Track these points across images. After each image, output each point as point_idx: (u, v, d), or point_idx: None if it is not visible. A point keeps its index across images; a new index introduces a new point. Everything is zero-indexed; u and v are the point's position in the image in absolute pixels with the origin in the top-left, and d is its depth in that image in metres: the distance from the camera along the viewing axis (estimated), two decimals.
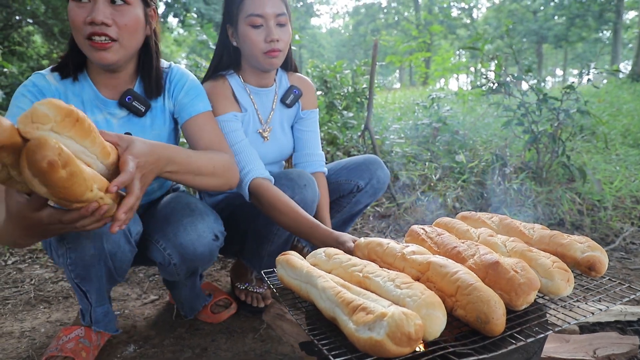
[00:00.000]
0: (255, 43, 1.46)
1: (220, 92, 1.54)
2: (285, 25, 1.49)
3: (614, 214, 2.78)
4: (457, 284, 0.86)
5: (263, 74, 1.60)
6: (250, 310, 1.73)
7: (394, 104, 6.79)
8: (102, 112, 1.31)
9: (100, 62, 1.20)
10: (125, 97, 1.30)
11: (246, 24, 1.46)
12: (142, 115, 1.34)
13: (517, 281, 0.89)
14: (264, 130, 1.64)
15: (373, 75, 3.37)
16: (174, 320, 1.72)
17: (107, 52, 1.18)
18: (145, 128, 1.37)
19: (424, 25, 21.03)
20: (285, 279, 1.02)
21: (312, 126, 1.75)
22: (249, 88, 1.61)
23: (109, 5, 1.15)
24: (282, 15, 1.47)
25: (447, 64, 7.94)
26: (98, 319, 1.42)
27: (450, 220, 1.26)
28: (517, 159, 3.47)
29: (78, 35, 1.17)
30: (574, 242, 1.07)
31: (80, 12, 1.14)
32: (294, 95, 1.69)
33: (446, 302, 0.86)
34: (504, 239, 1.09)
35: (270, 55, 1.48)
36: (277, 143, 1.69)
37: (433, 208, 2.97)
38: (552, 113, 2.99)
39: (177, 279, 1.44)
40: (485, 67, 3.61)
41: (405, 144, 3.83)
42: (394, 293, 0.84)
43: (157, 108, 1.39)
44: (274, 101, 1.67)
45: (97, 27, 1.14)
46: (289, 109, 1.71)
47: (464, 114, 5.02)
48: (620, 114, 5.93)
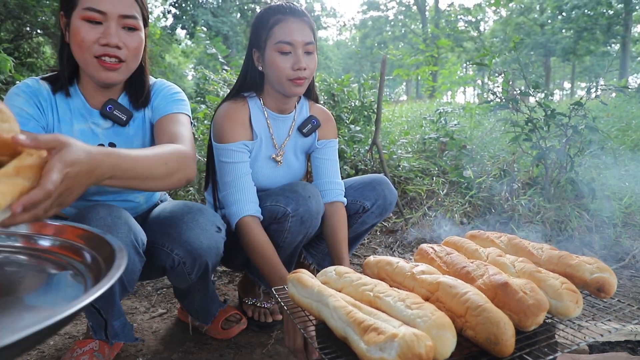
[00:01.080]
0: (282, 70, 1.48)
1: (235, 116, 1.56)
2: (312, 54, 1.52)
3: (624, 231, 2.77)
4: (466, 305, 0.87)
5: (285, 100, 1.62)
6: (258, 325, 1.74)
7: (401, 118, 6.81)
8: (87, 122, 1.34)
9: (105, 82, 1.25)
10: (106, 107, 1.33)
11: (274, 50, 1.48)
12: (124, 124, 1.37)
13: (527, 302, 0.89)
14: (277, 155, 1.66)
15: (381, 91, 3.39)
16: (182, 334, 1.73)
17: (115, 72, 1.24)
18: (130, 138, 1.40)
19: (431, 39, 21.17)
20: (296, 297, 1.03)
21: (330, 155, 1.74)
22: (267, 112, 1.63)
23: (121, 29, 1.21)
24: (310, 44, 1.50)
25: (453, 77, 7.95)
26: (117, 332, 1.43)
27: (459, 239, 1.27)
28: (525, 174, 3.46)
29: (85, 53, 1.21)
30: (583, 263, 1.08)
31: (92, 32, 1.19)
32: (312, 125, 1.70)
33: (455, 323, 0.86)
34: (512, 259, 1.10)
35: (296, 82, 1.50)
36: (289, 168, 1.71)
37: (441, 223, 2.97)
38: (560, 129, 2.99)
39: (189, 281, 1.45)
40: (492, 81, 3.62)
41: (413, 158, 3.84)
42: (404, 313, 0.85)
43: (139, 118, 1.42)
44: (291, 128, 1.68)
45: (109, 49, 1.20)
46: (304, 138, 1.72)
47: (471, 129, 5.02)
48: (629, 128, 5.90)
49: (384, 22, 39.59)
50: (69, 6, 1.20)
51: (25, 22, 11.13)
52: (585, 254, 2.53)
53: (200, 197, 3.16)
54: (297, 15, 1.48)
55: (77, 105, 1.33)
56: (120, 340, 1.45)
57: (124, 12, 1.21)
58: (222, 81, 3.88)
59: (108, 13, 1.19)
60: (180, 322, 1.82)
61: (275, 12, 1.49)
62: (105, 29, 1.19)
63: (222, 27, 21.95)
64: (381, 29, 39.13)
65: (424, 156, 4.09)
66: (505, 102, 3.12)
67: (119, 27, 1.21)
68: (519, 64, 3.17)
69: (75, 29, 1.20)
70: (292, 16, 1.48)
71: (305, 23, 1.49)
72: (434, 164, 3.82)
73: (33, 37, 12.61)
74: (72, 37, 1.22)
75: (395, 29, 39.14)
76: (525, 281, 0.95)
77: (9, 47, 8.93)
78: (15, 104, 1.23)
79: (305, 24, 1.50)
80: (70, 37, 1.23)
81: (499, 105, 3.13)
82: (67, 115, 1.32)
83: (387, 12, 40.11)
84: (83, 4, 1.19)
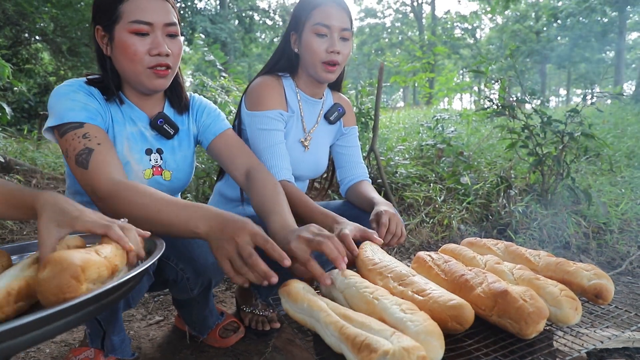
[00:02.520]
0: (316, 51, 1.52)
1: (272, 87, 1.59)
2: (347, 40, 1.56)
3: (620, 237, 2.77)
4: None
5: (317, 85, 1.66)
6: (256, 333, 1.73)
7: (399, 124, 6.83)
8: (137, 126, 1.36)
9: (157, 89, 1.30)
10: (157, 120, 1.37)
11: (311, 32, 1.52)
12: (170, 137, 1.41)
13: (527, 310, 0.89)
14: (305, 140, 1.68)
15: (379, 99, 3.40)
16: (179, 342, 1.72)
17: (165, 79, 1.29)
18: (174, 149, 1.44)
19: (427, 46, 21.29)
20: (290, 312, 1.00)
21: (354, 141, 1.82)
22: (300, 94, 1.66)
23: (165, 36, 1.25)
24: (347, 30, 1.54)
25: (450, 84, 7.98)
26: (115, 347, 1.42)
27: (456, 246, 1.27)
28: (522, 180, 3.48)
29: (137, 65, 1.23)
30: (581, 270, 1.08)
31: (142, 44, 1.22)
32: (338, 113, 1.74)
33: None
34: (510, 267, 1.10)
35: (328, 68, 1.54)
36: (315, 154, 1.73)
37: (438, 230, 2.97)
38: (556, 136, 3.01)
39: (190, 295, 1.45)
40: (489, 88, 3.64)
41: (410, 165, 3.85)
42: (396, 316, 0.85)
43: (183, 131, 1.46)
44: (319, 114, 1.72)
45: (161, 58, 1.24)
46: (330, 126, 1.76)
47: (468, 135, 5.04)
48: (625, 135, 5.94)
49: (381, 30, 39.82)
50: (110, 21, 1.21)
51: (24, 28, 11.16)
52: (582, 261, 2.54)
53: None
54: (336, 2, 1.53)
55: (127, 109, 1.35)
56: (117, 356, 1.43)
57: (167, 21, 1.24)
58: (220, 88, 3.89)
59: (154, 23, 1.21)
60: (178, 329, 1.81)
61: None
62: (153, 39, 1.22)
63: (220, 33, 22.00)
64: (378, 36, 39.35)
65: (421, 163, 4.10)
66: (501, 109, 3.13)
67: (163, 35, 1.24)
68: (515, 71, 3.19)
69: (123, 42, 1.21)
70: (331, 2, 1.53)
71: (343, 10, 1.54)
72: (432, 170, 3.83)
73: (31, 44, 12.64)
74: (119, 50, 1.23)
75: (393, 36, 39.36)
76: (525, 288, 0.95)
77: (7, 54, 8.92)
78: (78, 98, 1.22)
79: (344, 11, 1.54)
80: (116, 50, 1.24)
81: (496, 112, 3.15)
82: (119, 116, 1.33)
83: (384, 19, 40.51)
84: (128, 17, 1.20)
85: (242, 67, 24.61)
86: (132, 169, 1.33)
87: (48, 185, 4.01)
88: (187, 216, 1.04)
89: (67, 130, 1.19)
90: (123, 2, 1.20)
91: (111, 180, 1.12)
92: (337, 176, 1.83)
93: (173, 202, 1.07)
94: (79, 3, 10.38)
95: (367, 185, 1.72)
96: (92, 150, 1.16)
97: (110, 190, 1.10)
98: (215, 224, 1.01)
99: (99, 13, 1.24)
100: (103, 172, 1.14)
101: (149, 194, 1.09)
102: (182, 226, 1.04)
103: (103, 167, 1.15)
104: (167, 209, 1.06)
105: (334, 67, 1.54)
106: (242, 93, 1.79)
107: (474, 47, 34.57)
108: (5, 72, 3.28)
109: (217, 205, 1.77)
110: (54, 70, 13.64)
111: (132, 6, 1.20)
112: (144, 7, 1.21)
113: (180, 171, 1.45)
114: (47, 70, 13.54)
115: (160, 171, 1.40)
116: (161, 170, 1.40)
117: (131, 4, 1.20)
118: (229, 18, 24.59)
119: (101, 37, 1.26)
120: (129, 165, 1.32)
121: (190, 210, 1.05)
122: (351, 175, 1.77)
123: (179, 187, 1.48)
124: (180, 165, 1.44)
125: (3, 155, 3.63)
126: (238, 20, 25.51)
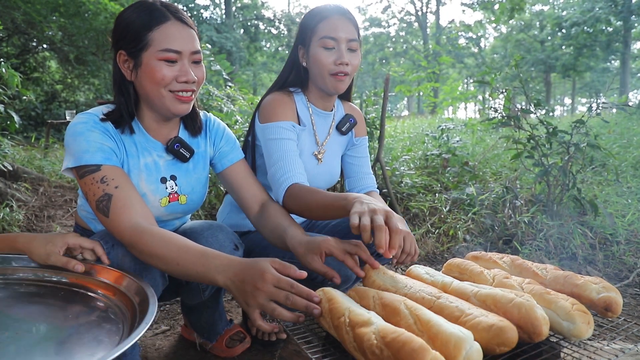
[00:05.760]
0: (324, 64, 1.53)
1: (284, 102, 1.60)
2: (355, 51, 1.56)
3: (627, 249, 2.75)
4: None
5: (327, 97, 1.67)
6: (262, 344, 1.73)
7: (403, 134, 6.84)
8: (152, 155, 1.37)
9: (180, 113, 1.31)
10: (173, 145, 1.38)
11: (318, 46, 1.53)
12: (186, 161, 1.42)
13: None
14: (319, 152, 1.69)
15: (384, 109, 3.42)
16: (185, 351, 1.72)
17: (188, 104, 1.31)
18: (189, 172, 1.45)
19: (432, 55, 21.33)
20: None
21: (364, 152, 1.82)
22: (312, 108, 1.67)
23: (191, 63, 1.28)
24: (354, 41, 1.54)
25: (455, 94, 7.99)
26: (125, 353, 1.42)
27: (462, 261, 1.26)
28: (528, 191, 3.47)
29: (161, 89, 1.25)
30: (589, 283, 1.08)
31: (170, 71, 1.24)
32: (350, 123, 1.75)
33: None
34: (520, 281, 1.09)
35: (338, 77, 1.54)
36: (329, 167, 1.74)
37: (443, 240, 2.97)
38: (562, 146, 3.00)
39: (201, 298, 1.46)
40: (494, 98, 3.64)
41: (415, 175, 3.85)
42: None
43: (199, 154, 1.47)
44: (331, 126, 1.73)
45: (187, 85, 1.26)
46: (342, 137, 1.77)
47: (473, 145, 5.04)
48: (631, 145, 5.90)
49: (385, 39, 39.98)
50: (138, 48, 1.23)
51: (32, 37, 11.29)
52: (589, 272, 2.53)
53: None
54: (341, 13, 1.54)
55: (141, 139, 1.36)
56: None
57: (193, 49, 1.26)
58: (226, 97, 3.91)
59: (183, 52, 1.24)
60: (184, 339, 1.82)
61: (321, 10, 1.55)
62: (181, 66, 1.25)
63: (226, 43, 22.17)
64: (383, 45, 39.50)
65: (426, 172, 4.10)
66: (507, 119, 3.13)
67: (190, 62, 1.27)
68: (521, 81, 3.19)
69: (151, 69, 1.22)
70: (337, 14, 1.53)
71: (349, 21, 1.54)
72: (437, 180, 3.83)
73: (39, 52, 12.77)
74: (146, 75, 1.24)
75: (397, 45, 39.52)
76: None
77: (16, 62, 9.00)
78: (93, 138, 1.23)
79: (350, 22, 1.55)
80: (142, 76, 1.25)
81: (501, 122, 3.15)
82: (133, 149, 1.34)
83: (389, 28, 40.56)
84: (158, 45, 1.21)
85: (247, 76, 24.76)
86: (149, 200, 1.35)
87: (55, 194, 4.03)
88: (204, 268, 1.07)
89: (85, 174, 1.21)
90: (153, 30, 1.22)
91: (131, 228, 1.16)
92: (346, 186, 1.84)
93: (190, 252, 1.10)
94: (87, 12, 10.48)
95: (375, 196, 1.72)
96: (111, 196, 1.19)
97: (131, 238, 1.15)
98: (232, 275, 1.02)
99: (124, 39, 1.25)
100: (123, 219, 1.17)
101: (165, 243, 1.12)
102: (201, 277, 1.08)
103: (123, 212, 1.18)
104: (185, 260, 1.09)
105: (343, 77, 1.55)
106: (247, 102, 1.81)
107: (479, 56, 34.65)
108: (15, 81, 3.32)
109: (228, 214, 1.78)
110: (61, 78, 13.78)
111: (162, 35, 1.22)
112: (173, 36, 1.23)
113: (194, 193, 1.46)
114: (54, 79, 13.68)
115: (177, 197, 1.42)
116: (177, 196, 1.42)
117: (161, 33, 1.22)
118: (235, 27, 24.75)
119: (123, 61, 1.27)
120: (146, 197, 1.34)
121: (206, 260, 1.07)
122: (360, 185, 1.78)
123: (193, 208, 1.50)
124: (194, 187, 1.46)
125: (11, 163, 3.66)
126: (243, 30, 25.69)
